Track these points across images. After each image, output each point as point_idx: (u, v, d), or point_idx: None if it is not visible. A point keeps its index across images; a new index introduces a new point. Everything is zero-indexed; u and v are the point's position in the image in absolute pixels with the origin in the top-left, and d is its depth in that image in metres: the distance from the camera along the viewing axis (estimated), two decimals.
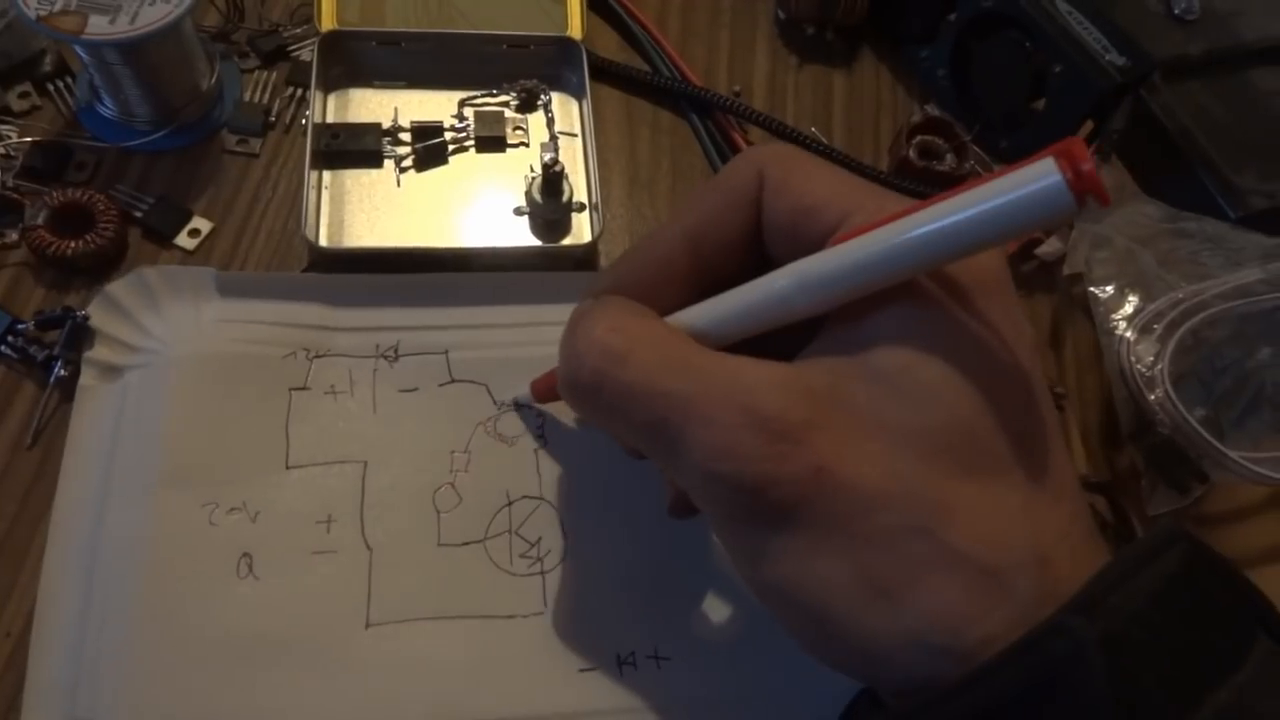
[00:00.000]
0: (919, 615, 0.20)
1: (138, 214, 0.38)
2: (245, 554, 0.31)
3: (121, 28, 0.35)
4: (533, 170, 0.41)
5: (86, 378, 0.34)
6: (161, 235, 0.38)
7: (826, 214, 0.23)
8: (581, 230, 0.40)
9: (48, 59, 0.41)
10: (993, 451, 0.21)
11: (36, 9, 0.35)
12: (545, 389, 0.33)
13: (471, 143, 0.42)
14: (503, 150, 0.42)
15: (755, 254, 0.25)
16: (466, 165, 0.42)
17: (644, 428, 0.23)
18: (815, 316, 0.23)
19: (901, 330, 0.21)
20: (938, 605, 0.20)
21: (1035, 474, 0.21)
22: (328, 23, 0.42)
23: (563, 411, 0.35)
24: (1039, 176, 0.18)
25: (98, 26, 0.35)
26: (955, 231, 0.20)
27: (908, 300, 0.22)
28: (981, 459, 0.21)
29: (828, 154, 0.44)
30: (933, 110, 0.45)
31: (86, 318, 0.35)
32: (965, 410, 0.21)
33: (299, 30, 0.44)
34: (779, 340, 0.23)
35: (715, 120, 0.45)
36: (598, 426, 0.25)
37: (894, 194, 0.23)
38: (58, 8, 0.35)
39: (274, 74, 0.43)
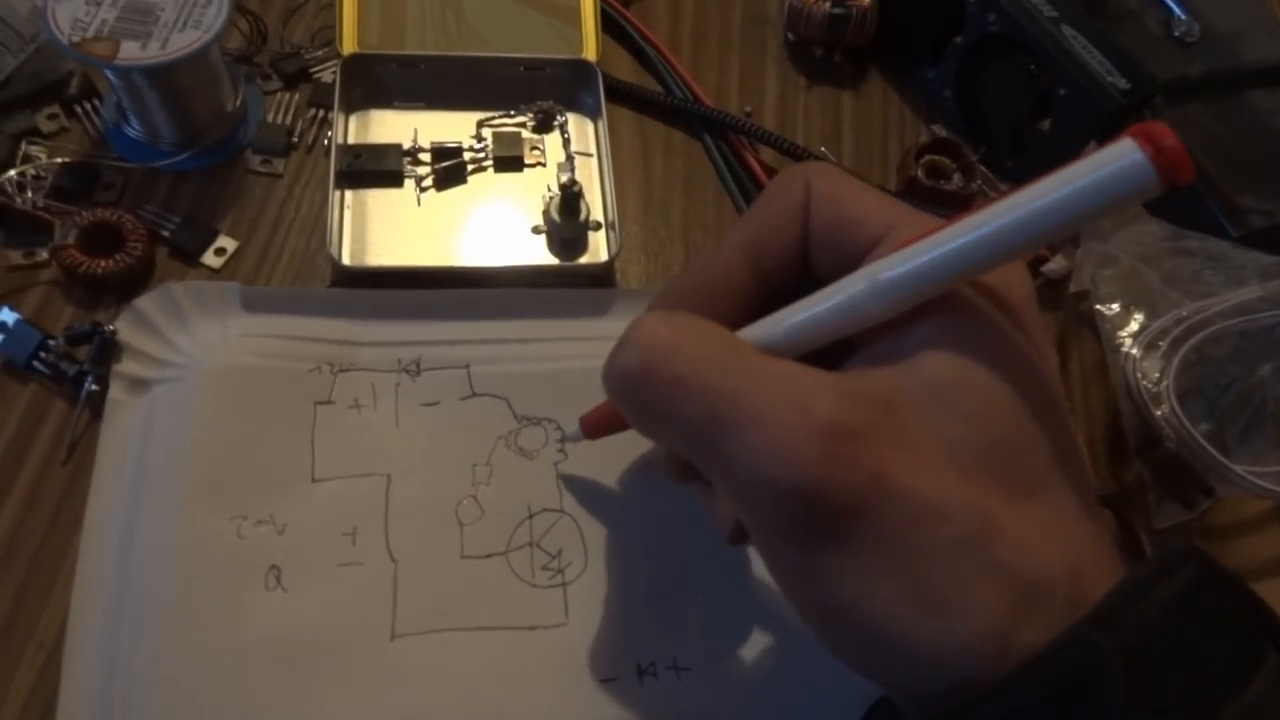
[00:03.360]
0: (970, 627, 0.20)
1: (165, 233, 0.39)
2: (273, 566, 0.32)
3: (153, 53, 0.36)
4: (550, 190, 0.42)
5: (115, 391, 0.35)
6: (188, 254, 0.39)
7: (868, 226, 0.23)
8: (598, 249, 0.41)
9: (74, 81, 0.42)
10: (1031, 468, 0.21)
11: (70, 34, 0.36)
12: (594, 423, 0.32)
13: (490, 163, 0.43)
14: (520, 170, 0.43)
15: (808, 269, 0.25)
16: (485, 185, 0.42)
17: (692, 426, 0.22)
18: (877, 325, 0.23)
19: (949, 345, 0.22)
20: (987, 616, 0.20)
21: (1066, 490, 0.22)
22: (349, 46, 0.43)
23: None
24: (1121, 156, 0.18)
25: (129, 52, 0.36)
26: (1041, 216, 0.19)
27: (953, 315, 0.22)
28: (1021, 475, 0.21)
29: None
30: (940, 131, 0.46)
31: (114, 332, 0.35)
32: (1009, 427, 0.21)
33: (320, 53, 0.45)
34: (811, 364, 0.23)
35: (727, 140, 0.46)
36: (642, 430, 0.25)
37: (933, 216, 0.23)
38: (90, 33, 0.36)
39: (296, 96, 0.44)
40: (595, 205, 0.42)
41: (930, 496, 0.20)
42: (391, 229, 0.41)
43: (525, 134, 0.44)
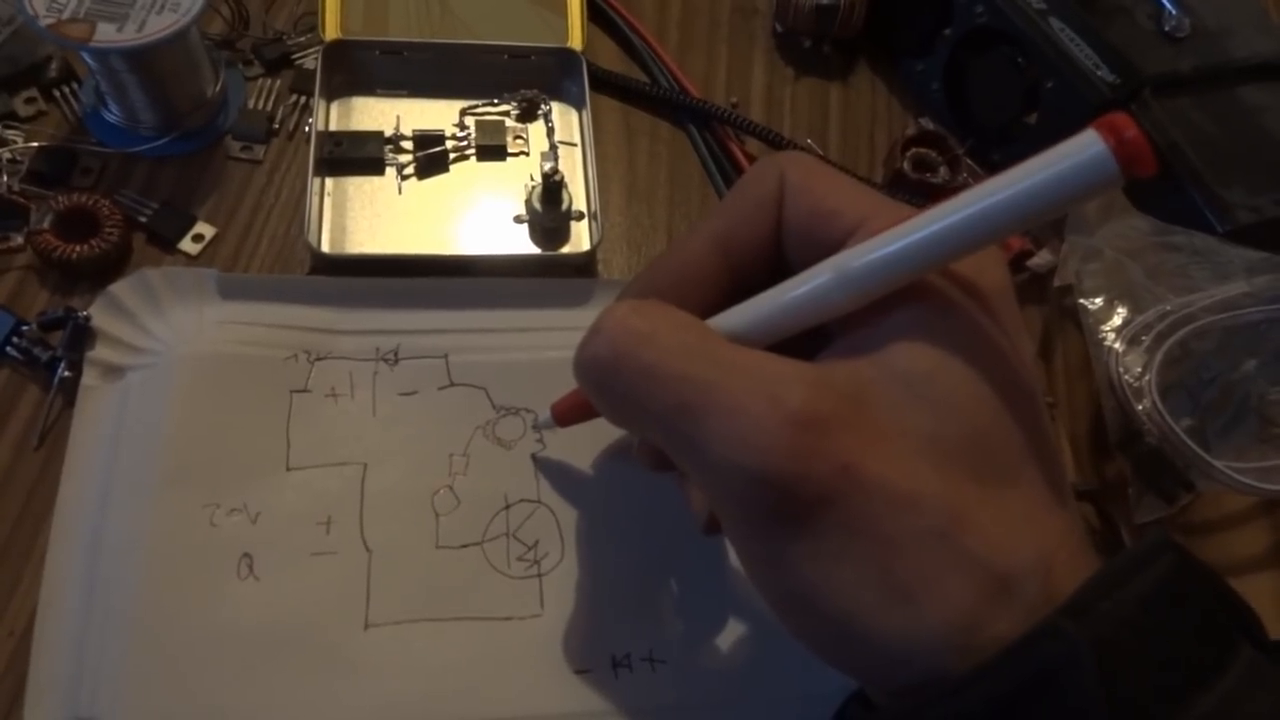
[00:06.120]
0: (939, 618, 0.20)
1: (142, 219, 0.38)
2: (246, 554, 0.31)
3: (129, 35, 0.36)
4: (533, 179, 0.41)
5: (89, 378, 0.34)
6: (165, 240, 0.39)
7: (844, 218, 0.23)
8: (580, 239, 0.41)
9: (53, 65, 0.41)
10: (1003, 460, 0.21)
11: (45, 16, 0.36)
12: (566, 411, 0.32)
13: (472, 151, 0.42)
14: (503, 159, 0.43)
15: (781, 259, 0.25)
16: (467, 173, 0.42)
17: (663, 414, 0.22)
18: (850, 314, 0.22)
19: (922, 335, 0.22)
20: (956, 607, 0.20)
21: (1039, 481, 0.22)
22: (331, 32, 0.43)
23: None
24: (1084, 148, 0.18)
25: (105, 34, 0.36)
26: (1006, 207, 0.19)
27: (926, 306, 0.22)
28: (993, 467, 0.21)
29: None
30: (927, 123, 0.46)
31: (88, 318, 0.35)
32: (981, 420, 0.21)
33: (303, 39, 0.45)
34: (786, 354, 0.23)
35: (713, 131, 0.46)
36: (613, 419, 0.25)
37: (909, 206, 0.23)
38: (66, 15, 0.36)
39: (278, 82, 0.44)
40: (578, 195, 0.41)
41: (900, 487, 0.20)
42: (372, 217, 0.40)
43: (509, 123, 0.43)
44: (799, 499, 0.20)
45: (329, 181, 0.41)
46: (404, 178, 0.41)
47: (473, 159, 0.42)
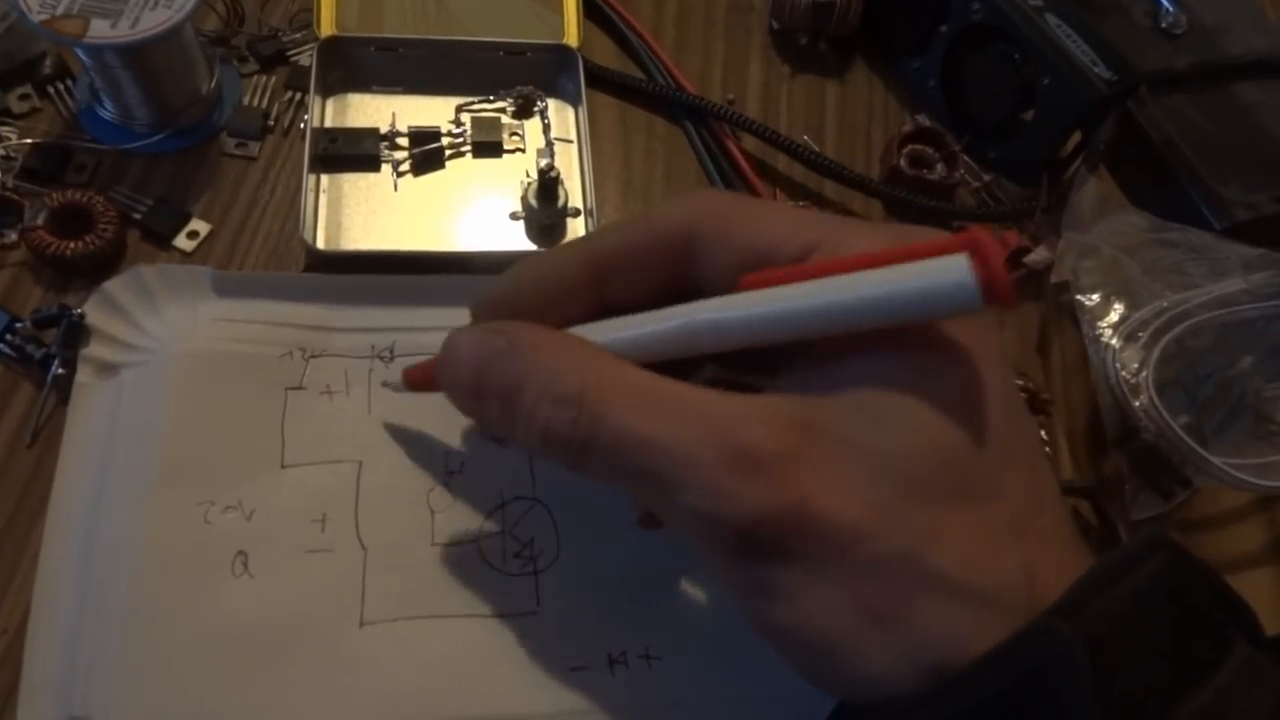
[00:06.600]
0: (918, 638, 0.20)
1: (136, 215, 0.38)
2: (240, 552, 0.31)
3: (123, 31, 0.36)
4: (528, 176, 0.41)
5: (83, 375, 0.34)
6: (160, 237, 0.38)
7: (785, 250, 0.23)
8: (576, 235, 0.41)
9: (48, 61, 0.41)
10: (977, 473, 0.21)
11: (39, 12, 0.35)
12: (418, 380, 0.32)
13: (468, 148, 0.42)
14: (499, 156, 0.43)
15: (657, 290, 0.25)
16: (463, 170, 0.42)
17: (632, 479, 0.23)
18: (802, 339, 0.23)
19: (875, 357, 0.22)
20: (935, 627, 0.20)
21: (1019, 488, 0.22)
22: (327, 28, 0.43)
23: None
24: (950, 272, 0.19)
25: (99, 30, 0.36)
26: (855, 309, 0.21)
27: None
28: (967, 482, 0.21)
29: (819, 163, 0.44)
30: (924, 120, 0.46)
31: (83, 315, 0.35)
32: (947, 436, 0.21)
33: (298, 35, 0.45)
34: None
35: (709, 128, 0.46)
36: (580, 475, 0.25)
37: (856, 221, 0.23)
38: (60, 11, 0.36)
39: (273, 78, 0.43)
40: (574, 191, 0.41)
41: (860, 513, 0.20)
42: (367, 213, 0.40)
43: (505, 119, 0.43)
44: (763, 538, 0.21)
45: (324, 178, 0.40)
46: (399, 174, 0.41)
47: (468, 156, 0.42)
